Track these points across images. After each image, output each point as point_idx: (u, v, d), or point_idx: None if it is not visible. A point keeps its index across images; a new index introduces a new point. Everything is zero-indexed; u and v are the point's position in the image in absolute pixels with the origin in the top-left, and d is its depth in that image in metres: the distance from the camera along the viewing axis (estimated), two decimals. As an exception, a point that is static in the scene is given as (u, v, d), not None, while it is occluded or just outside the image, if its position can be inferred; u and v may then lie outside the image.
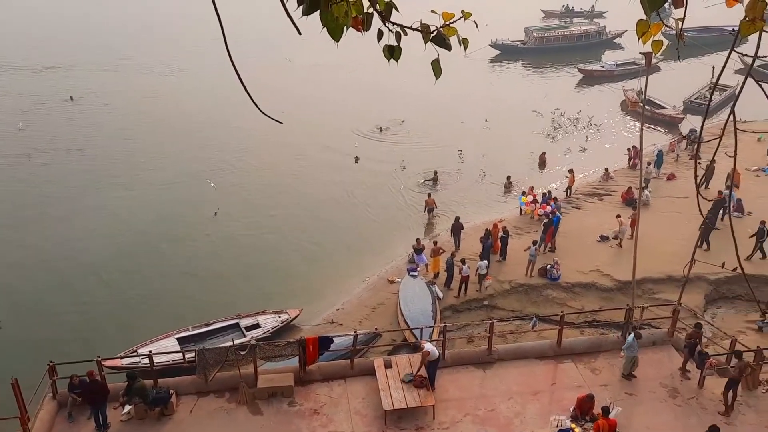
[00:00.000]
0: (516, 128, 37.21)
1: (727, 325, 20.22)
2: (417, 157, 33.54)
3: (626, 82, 43.63)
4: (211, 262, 24.79)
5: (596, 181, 30.53)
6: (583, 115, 38.93)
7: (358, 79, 44.81)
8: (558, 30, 55.43)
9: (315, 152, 34.25)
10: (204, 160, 33.23)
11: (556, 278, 22.38)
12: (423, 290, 21.27)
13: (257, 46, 50.06)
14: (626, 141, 34.45)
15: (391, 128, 37.52)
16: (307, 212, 28.38)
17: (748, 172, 28.54)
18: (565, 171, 30.32)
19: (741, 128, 32.17)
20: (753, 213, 25.05)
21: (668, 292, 21.04)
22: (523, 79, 48.65)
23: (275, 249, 25.74)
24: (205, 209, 28.30)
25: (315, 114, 39.23)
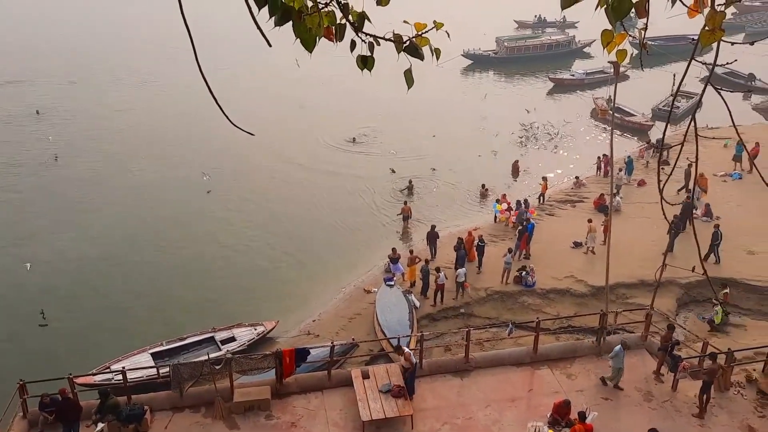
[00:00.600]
0: (488, 136, 37.52)
1: (699, 327, 20.57)
2: (391, 167, 33.62)
3: (596, 90, 44.34)
4: (185, 276, 24.50)
5: (569, 188, 30.93)
6: (554, 123, 39.45)
7: (330, 89, 44.75)
8: (528, 40, 56.16)
9: (287, 164, 34.08)
10: (177, 174, 32.88)
11: (532, 285, 22.56)
12: (399, 300, 21.27)
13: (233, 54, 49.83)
14: (597, 148, 34.95)
15: (364, 138, 37.51)
16: (280, 224, 28.23)
17: (715, 177, 29.13)
18: (538, 178, 30.66)
19: (705, 135, 32.94)
20: (721, 217, 25.58)
21: (641, 297, 21.34)
22: (495, 88, 49.14)
23: (250, 261, 25.54)
24: (178, 223, 28.00)
25: (287, 125, 39.08)
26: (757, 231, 24.50)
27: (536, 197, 29.41)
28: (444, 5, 64.26)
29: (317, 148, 36.18)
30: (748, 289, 21.94)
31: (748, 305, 21.72)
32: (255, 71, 48.31)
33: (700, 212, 25.95)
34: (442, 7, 62.91)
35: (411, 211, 28.10)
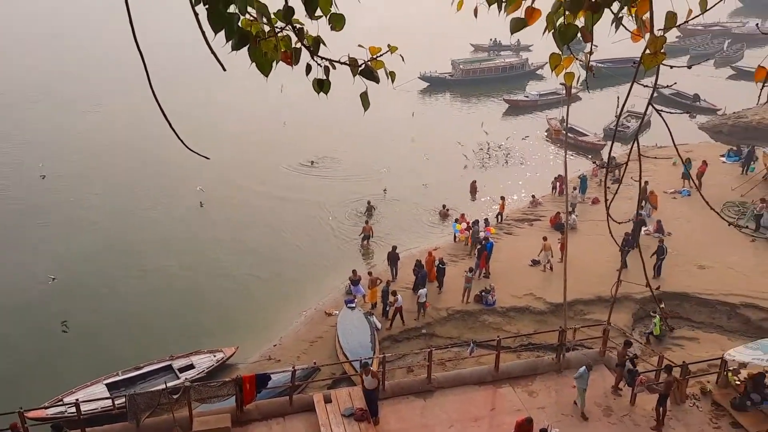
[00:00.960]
0: (446, 157, 37.93)
1: (654, 341, 21.02)
2: (349, 189, 33.67)
3: (549, 111, 45.35)
4: (141, 302, 23.95)
5: (525, 207, 31.45)
6: (510, 143, 40.16)
7: (287, 112, 44.51)
8: (483, 62, 57.20)
9: (243, 188, 33.57)
10: (133, 198, 32.28)
11: (492, 304, 22.77)
12: (361, 322, 21.20)
13: (187, 75, 49.39)
14: (552, 167, 35.69)
15: (323, 161, 37.42)
16: (238, 249, 27.86)
17: (665, 194, 30.01)
18: (496, 197, 31.11)
19: (652, 154, 33.97)
20: (672, 233, 26.34)
21: (598, 313, 21.73)
22: (451, 109, 49.84)
23: (208, 286, 25.15)
24: (130, 249, 27.44)
25: (242, 149, 38.64)
26: (706, 246, 25.27)
27: (495, 216, 29.79)
28: (402, 30, 65.31)
29: (274, 172, 35.91)
30: (700, 303, 22.55)
31: (701, 318, 22.31)
32: (211, 95, 47.80)
33: (651, 228, 26.65)
34: (400, 31, 63.99)
35: (372, 230, 28.26)
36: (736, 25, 68.24)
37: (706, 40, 63.47)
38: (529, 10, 3.24)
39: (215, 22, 2.65)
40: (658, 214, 27.86)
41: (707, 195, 27.89)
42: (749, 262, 24.40)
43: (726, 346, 18.96)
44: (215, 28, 2.66)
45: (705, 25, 66.02)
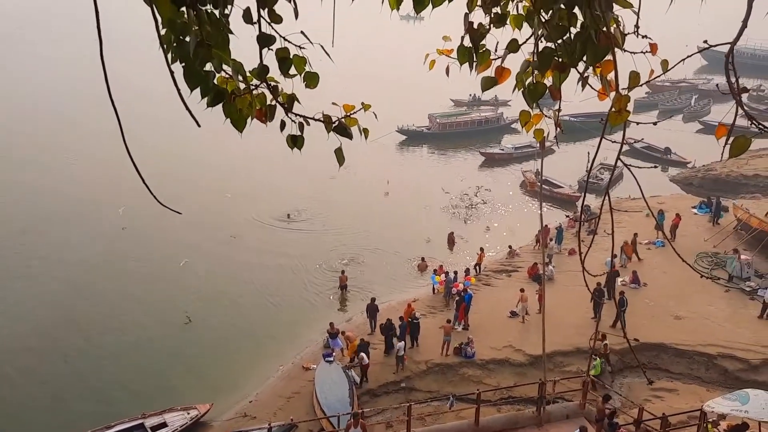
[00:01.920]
0: (424, 209, 38.23)
1: (635, 393, 20.93)
2: (326, 241, 33.59)
3: (524, 163, 46.15)
4: (112, 357, 23.37)
5: (503, 259, 31.62)
6: (487, 196, 40.62)
7: (262, 166, 44.23)
8: (459, 116, 58.30)
9: (218, 242, 33.10)
10: (105, 251, 31.81)
11: (471, 356, 22.60)
12: (339, 376, 20.86)
13: (159, 127, 49.35)
14: (528, 218, 36.07)
15: (299, 214, 37.19)
16: (213, 302, 27.45)
17: (640, 245, 30.38)
18: (474, 249, 31.25)
19: (625, 206, 34.55)
20: (648, 284, 26.59)
21: (577, 364, 21.66)
22: (429, 162, 50.45)
23: (182, 341, 24.65)
24: (107, 301, 26.93)
25: (217, 202, 38.19)
26: (681, 296, 25.51)
27: (473, 267, 29.88)
28: (384, 85, 66.64)
29: (250, 226, 35.56)
30: (678, 354, 22.61)
31: (679, 369, 22.33)
32: (184, 148, 47.32)
33: (628, 279, 26.88)
34: (383, 85, 65.20)
35: (347, 279, 28.41)
36: (702, 81, 70.71)
37: (674, 96, 65.56)
38: (499, 69, 3.34)
39: (191, 80, 2.70)
40: (635, 264, 28.16)
41: (681, 246, 28.44)
42: (724, 313, 24.64)
43: (705, 398, 18.91)
44: (191, 85, 2.70)
45: (672, 81, 68.29)
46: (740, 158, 42.51)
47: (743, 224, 30.95)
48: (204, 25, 2.66)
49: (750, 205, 33.14)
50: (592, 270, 4.21)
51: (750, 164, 42.17)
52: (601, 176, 41.42)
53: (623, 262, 28.06)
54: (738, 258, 27.37)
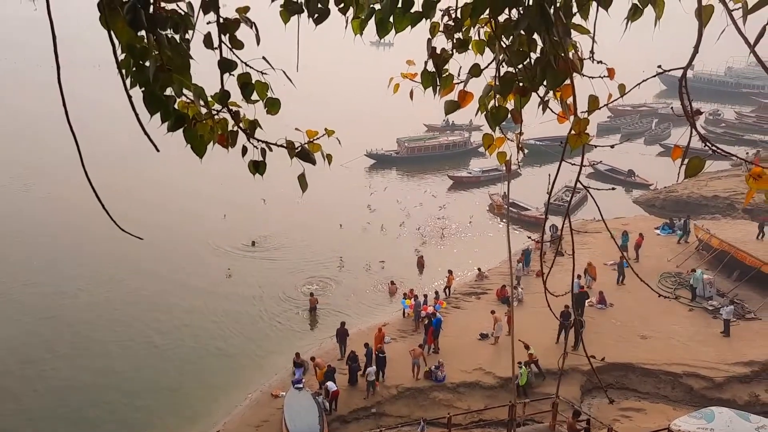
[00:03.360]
0: (393, 233, 38.25)
1: (603, 414, 21.04)
2: (296, 266, 33.31)
3: (491, 186, 46.62)
4: (72, 389, 22.70)
5: (472, 281, 31.74)
6: (455, 218, 40.86)
7: (226, 191, 43.07)
8: (428, 140, 58.80)
9: (179, 271, 32.26)
10: (63, 278, 31.04)
11: (442, 380, 22.53)
12: (309, 403, 20.59)
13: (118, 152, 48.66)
14: (496, 241, 36.33)
15: (265, 241, 36.69)
16: (179, 330, 26.91)
17: (605, 266, 30.83)
18: (443, 272, 31.34)
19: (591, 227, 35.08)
20: (614, 305, 26.93)
21: (547, 386, 21.72)
22: (397, 186, 50.64)
23: (147, 369, 24.09)
24: (61, 335, 26.17)
25: (179, 229, 37.38)
26: (647, 316, 25.88)
27: (443, 290, 29.92)
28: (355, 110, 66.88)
29: (215, 253, 34.87)
30: (645, 373, 22.88)
31: (646, 389, 22.58)
32: (146, 173, 46.60)
33: (595, 300, 27.19)
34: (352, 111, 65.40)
35: (317, 301, 28.38)
36: (662, 106, 72.70)
37: (635, 120, 67.20)
38: (461, 93, 3.38)
39: (151, 105, 2.66)
40: (600, 285, 28.51)
41: (645, 266, 28.95)
42: (688, 331, 25.07)
43: (672, 416, 19.14)
44: (151, 110, 2.67)
45: (633, 105, 70.02)
46: (700, 180, 43.67)
47: (704, 244, 31.67)
48: (164, 50, 2.63)
49: (710, 226, 33.98)
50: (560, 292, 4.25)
51: (709, 186, 43.29)
52: (567, 198, 42.03)
53: (588, 283, 28.36)
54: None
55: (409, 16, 3.04)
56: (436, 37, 3.18)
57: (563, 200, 41.61)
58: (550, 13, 2.90)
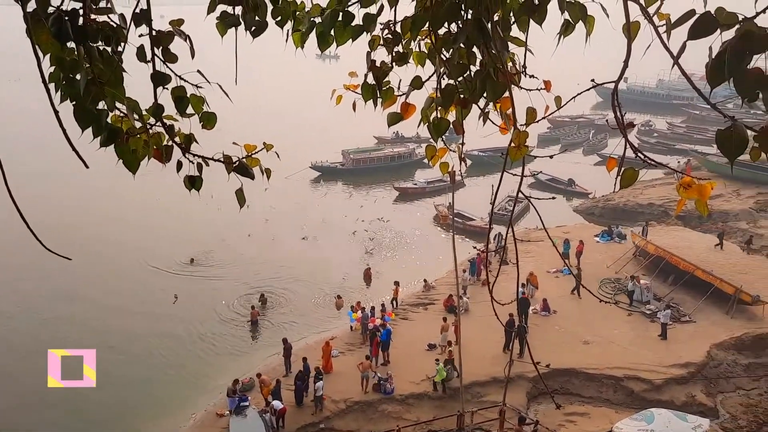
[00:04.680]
0: (339, 245, 38.11)
1: (549, 419, 21.39)
2: (238, 282, 32.65)
3: (437, 197, 47.05)
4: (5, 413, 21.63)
5: (419, 292, 31.88)
6: (401, 229, 41.03)
7: (160, 208, 41.99)
8: (373, 152, 58.95)
9: (117, 293, 31.09)
10: None
11: (390, 392, 22.47)
12: (255, 421, 20.20)
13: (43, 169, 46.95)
14: (442, 251, 36.64)
15: (207, 257, 35.81)
16: (119, 352, 25.98)
17: (548, 274, 31.50)
18: (390, 284, 31.36)
19: (534, 236, 35.86)
20: (557, 311, 27.51)
21: (494, 394, 21.95)
22: (343, 197, 50.58)
23: (87, 394, 23.14)
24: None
25: (112, 248, 36.12)
26: (588, 322, 26.53)
27: (390, 302, 29.94)
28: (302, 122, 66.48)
29: (152, 273, 33.70)
30: (588, 378, 23.40)
31: (589, 393, 23.09)
32: (71, 190, 44.82)
33: (539, 307, 27.71)
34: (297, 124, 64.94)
35: (258, 313, 28.17)
36: (598, 117, 75.05)
37: (574, 131, 69.10)
38: (404, 105, 3.39)
39: (82, 119, 2.57)
40: (543, 292, 29.06)
41: (586, 273, 29.67)
42: (628, 336, 25.80)
43: (614, 419, 19.65)
44: (82, 125, 2.57)
45: (572, 116, 71.98)
46: (636, 188, 45.24)
47: (641, 250, 32.75)
48: (95, 63, 2.54)
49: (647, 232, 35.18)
50: (505, 300, 4.29)
51: (645, 194, 44.87)
52: (510, 207, 42.79)
53: (531, 292, 28.86)
54: (637, 282, 28.86)
55: (349, 30, 3.04)
56: (376, 50, 3.18)
57: (507, 210, 42.34)
58: (488, 27, 2.94)
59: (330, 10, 2.90)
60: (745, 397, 23.46)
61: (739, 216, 40.69)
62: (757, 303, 26.88)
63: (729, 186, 43.99)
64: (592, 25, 3.01)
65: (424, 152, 3.65)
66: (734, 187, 44.30)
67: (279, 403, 20.77)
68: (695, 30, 2.23)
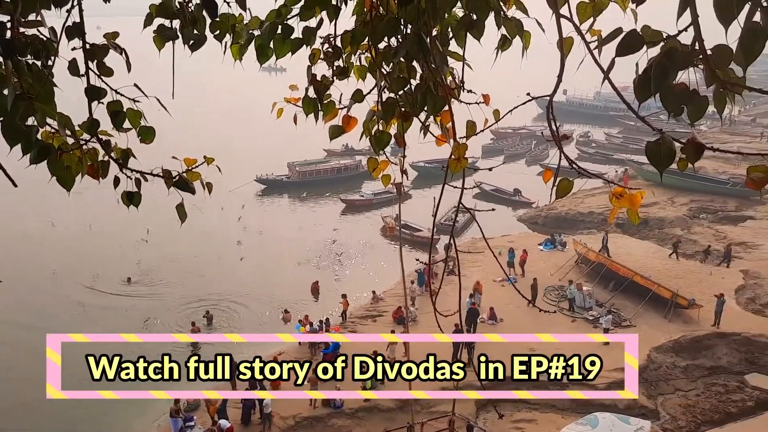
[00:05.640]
0: (285, 259, 37.76)
1: (498, 428, 21.67)
2: (181, 300, 31.92)
3: (384, 209, 47.25)
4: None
5: (368, 304, 31.86)
6: (348, 242, 40.98)
7: (95, 225, 40.74)
8: (319, 164, 58.80)
9: (53, 313, 30.00)
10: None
11: (340, 406, 22.32)
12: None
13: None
14: (389, 262, 36.75)
15: (143, 277, 34.74)
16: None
17: (494, 283, 31.96)
18: (338, 297, 31.25)
19: (481, 246, 36.33)
20: (504, 320, 27.93)
21: (445, 404, 22.06)
22: (289, 210, 50.23)
23: (25, 422, 22.16)
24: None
25: (43, 271, 34.60)
26: (534, 329, 26.96)
27: (339, 315, 29.79)
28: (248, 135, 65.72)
29: (88, 294, 32.55)
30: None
31: (536, 400, 23.45)
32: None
33: (485, 316, 28.08)
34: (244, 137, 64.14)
35: (200, 330, 27.58)
36: (540, 128, 77.02)
37: (517, 142, 70.65)
38: (345, 118, 3.41)
39: (11, 136, 2.48)
40: (490, 301, 29.45)
41: (529, 281, 30.22)
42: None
43: (561, 424, 20.03)
44: (11, 141, 2.49)
45: (514, 128, 73.63)
46: (576, 197, 46.55)
47: (582, 258, 33.63)
48: (24, 77, 2.46)
49: (587, 240, 36.18)
50: (453, 309, 4.33)
51: (585, 202, 46.17)
52: (457, 219, 43.27)
53: (478, 301, 29.22)
54: (579, 289, 29.61)
55: (289, 43, 3.04)
56: (316, 64, 3.19)
57: (454, 220, 42.84)
58: (427, 41, 2.99)
59: (269, 23, 2.89)
60: (684, 398, 24.30)
61: (674, 223, 42.32)
62: (692, 306, 27.95)
63: (664, 194, 45.74)
64: (528, 40, 3.09)
65: (367, 165, 3.66)
66: (669, 195, 46.09)
67: (226, 422, 20.34)
68: (623, 47, 2.32)
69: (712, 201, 45.94)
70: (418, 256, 38.88)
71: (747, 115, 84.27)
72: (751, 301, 30.67)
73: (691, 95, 2.28)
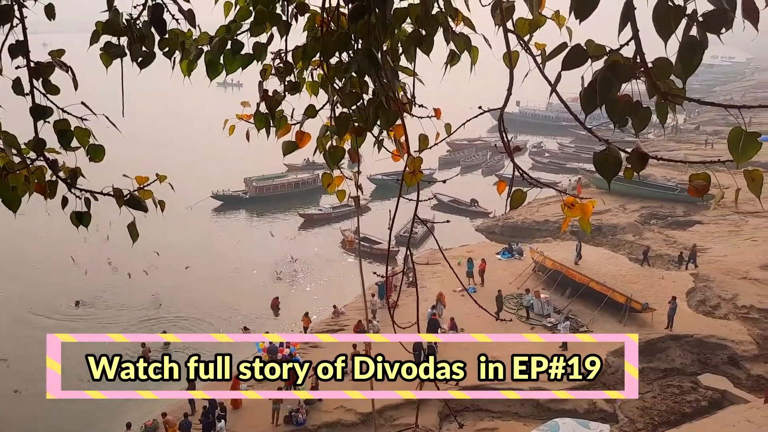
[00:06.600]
0: (244, 275, 37.32)
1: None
2: (135, 321, 31.20)
3: (343, 222, 47.16)
4: None
5: (329, 318, 31.67)
6: (308, 256, 40.73)
7: (41, 247, 39.47)
8: (276, 179, 58.31)
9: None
10: None
11: (302, 422, 22.10)
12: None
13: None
14: (350, 276, 36.67)
15: (93, 300, 33.75)
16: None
17: (455, 292, 32.14)
18: (299, 313, 30.98)
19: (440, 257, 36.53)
20: (464, 329, 28.10)
21: (408, 416, 22.05)
22: (246, 226, 49.69)
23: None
24: None
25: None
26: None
27: (300, 332, 29.52)
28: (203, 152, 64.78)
29: (32, 323, 31.06)
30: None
31: (498, 408, 23.65)
32: None
33: (446, 326, 28.21)
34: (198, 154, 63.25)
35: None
36: (494, 140, 78.14)
37: (472, 153, 71.49)
38: (299, 134, 3.41)
39: (-48, 156, 2.41)
40: (451, 311, 29.62)
41: (489, 289, 30.54)
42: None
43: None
44: (-48, 162, 2.42)
45: (469, 139, 74.46)
46: (531, 206, 47.31)
47: (540, 266, 34.15)
48: (-34, 96, 2.40)
49: (544, 248, 36.77)
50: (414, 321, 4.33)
51: (540, 211, 46.96)
52: (415, 230, 43.50)
53: (440, 311, 29.35)
54: (537, 296, 30.04)
55: (239, 58, 3.04)
56: (268, 80, 3.19)
57: (414, 232, 43.06)
58: (378, 56, 3.02)
59: (218, 38, 2.88)
60: (641, 401, 24.82)
61: (626, 229, 43.40)
62: (646, 310, 28.65)
63: (616, 201, 46.86)
64: (476, 55, 3.15)
65: (321, 180, 3.67)
66: (621, 202, 47.25)
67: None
68: (568, 61, 2.39)
69: (662, 207, 47.31)
70: (379, 268, 38.90)
71: (692, 123, 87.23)
72: (701, 303, 31.60)
73: (636, 107, 2.36)
